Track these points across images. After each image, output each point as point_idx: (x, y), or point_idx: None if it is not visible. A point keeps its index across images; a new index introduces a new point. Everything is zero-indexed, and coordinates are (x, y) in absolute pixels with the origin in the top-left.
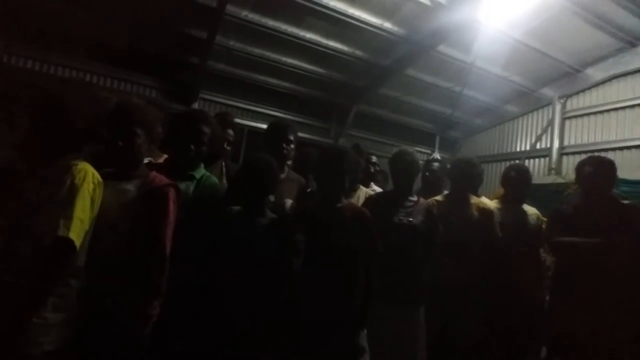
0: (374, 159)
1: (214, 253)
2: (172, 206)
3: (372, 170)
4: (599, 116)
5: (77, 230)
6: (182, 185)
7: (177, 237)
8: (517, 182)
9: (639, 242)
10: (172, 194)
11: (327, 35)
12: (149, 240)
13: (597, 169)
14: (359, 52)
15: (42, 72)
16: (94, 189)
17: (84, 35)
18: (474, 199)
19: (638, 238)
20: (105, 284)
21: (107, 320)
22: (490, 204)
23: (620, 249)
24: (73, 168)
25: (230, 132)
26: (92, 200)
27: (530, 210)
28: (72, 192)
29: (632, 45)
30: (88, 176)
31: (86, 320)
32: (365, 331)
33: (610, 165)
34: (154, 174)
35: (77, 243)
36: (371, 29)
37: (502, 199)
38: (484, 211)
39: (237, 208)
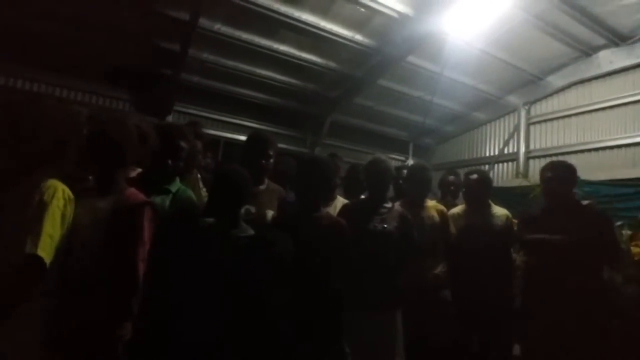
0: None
1: (185, 267)
2: (146, 225)
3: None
4: (561, 121)
5: (47, 247)
6: (158, 199)
7: (153, 252)
8: (473, 185)
9: (597, 239)
10: (147, 212)
11: (301, 48)
12: (120, 261)
13: (556, 173)
14: (332, 64)
15: (8, 86)
16: (65, 205)
17: (54, 48)
18: (428, 203)
19: (596, 236)
20: (76, 304)
21: (78, 340)
22: (457, 209)
23: (581, 246)
24: (42, 185)
25: (199, 143)
26: (63, 217)
27: (499, 211)
28: (41, 208)
29: (587, 54)
30: (58, 192)
31: (57, 339)
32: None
33: (568, 169)
34: (130, 191)
35: (47, 260)
36: (343, 41)
37: (466, 203)
38: (442, 213)
39: (210, 220)
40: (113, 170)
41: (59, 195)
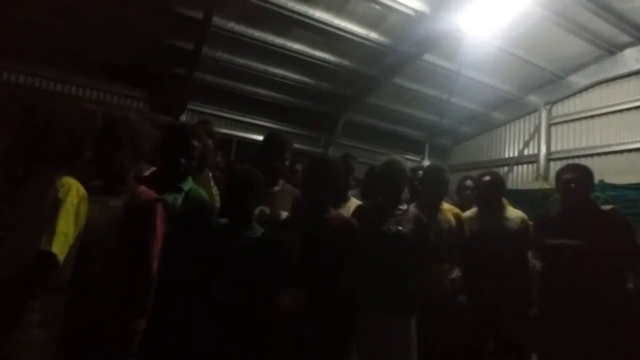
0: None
1: (197, 266)
2: (159, 222)
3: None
4: (584, 122)
5: (60, 245)
6: (170, 198)
7: (165, 251)
8: (484, 187)
9: (619, 245)
10: (159, 209)
11: (314, 46)
12: (135, 258)
13: (573, 175)
14: (346, 62)
15: (26, 85)
16: (79, 203)
17: (70, 47)
18: (444, 205)
19: (618, 241)
20: (91, 301)
21: (93, 337)
22: (470, 211)
23: (599, 252)
24: (56, 182)
25: (210, 141)
26: (77, 215)
27: (514, 213)
28: (55, 206)
29: (611, 53)
30: (72, 190)
31: (72, 336)
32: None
33: (585, 172)
34: (142, 188)
35: (61, 257)
36: (357, 39)
37: (478, 205)
38: (458, 216)
39: (224, 221)
40: (124, 168)
41: (73, 193)
